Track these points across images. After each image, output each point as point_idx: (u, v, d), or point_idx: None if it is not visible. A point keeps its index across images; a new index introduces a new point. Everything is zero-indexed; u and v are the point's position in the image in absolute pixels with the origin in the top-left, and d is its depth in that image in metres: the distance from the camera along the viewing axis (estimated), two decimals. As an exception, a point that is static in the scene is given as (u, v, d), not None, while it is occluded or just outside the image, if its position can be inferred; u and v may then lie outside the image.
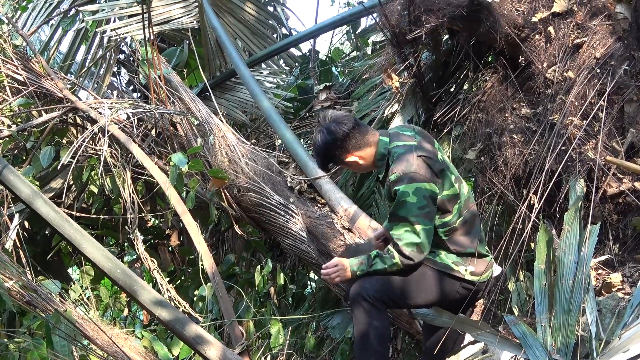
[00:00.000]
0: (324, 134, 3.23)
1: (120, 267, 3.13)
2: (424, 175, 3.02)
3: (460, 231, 3.17)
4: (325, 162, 3.34)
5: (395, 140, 3.20)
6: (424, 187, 3.01)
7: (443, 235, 3.15)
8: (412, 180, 3.00)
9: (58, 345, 2.92)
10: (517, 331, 2.72)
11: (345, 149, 3.22)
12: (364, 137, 3.22)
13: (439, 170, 3.09)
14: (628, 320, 2.53)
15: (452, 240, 3.16)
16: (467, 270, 3.14)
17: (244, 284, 4.95)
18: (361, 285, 3.11)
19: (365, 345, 3.05)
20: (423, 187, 3.01)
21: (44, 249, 5.30)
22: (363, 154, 3.24)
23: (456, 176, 3.22)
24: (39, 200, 3.16)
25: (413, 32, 4.13)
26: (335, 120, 3.24)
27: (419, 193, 3.00)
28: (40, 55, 5.37)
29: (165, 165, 4.73)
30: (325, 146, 3.24)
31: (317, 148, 3.29)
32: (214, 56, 6.44)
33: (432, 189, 3.03)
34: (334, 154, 3.25)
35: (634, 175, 3.55)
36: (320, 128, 3.27)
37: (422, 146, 3.13)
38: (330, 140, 3.21)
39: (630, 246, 3.52)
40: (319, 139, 3.26)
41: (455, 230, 3.16)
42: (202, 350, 3.07)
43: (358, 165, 3.29)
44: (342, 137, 3.19)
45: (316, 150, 3.31)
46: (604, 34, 3.80)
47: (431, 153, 3.12)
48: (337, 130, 3.20)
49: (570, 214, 2.93)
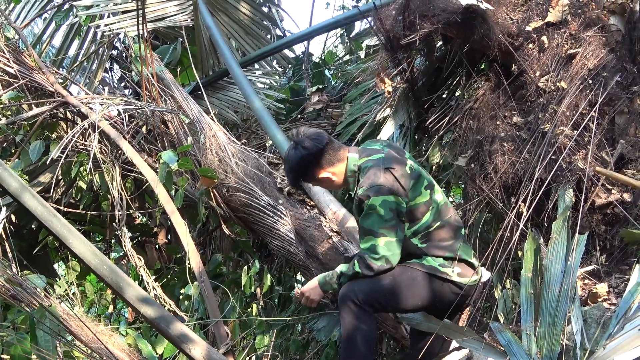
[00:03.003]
0: (298, 149, 3.26)
1: (107, 264, 3.11)
2: (391, 189, 3.05)
3: (439, 237, 3.19)
4: (298, 178, 3.35)
5: (363, 155, 3.25)
6: (390, 199, 3.05)
7: (419, 243, 3.18)
8: (378, 192, 3.04)
9: (42, 340, 2.91)
10: (502, 339, 2.72)
11: (319, 165, 3.26)
12: (337, 153, 3.27)
13: (407, 182, 3.12)
14: (613, 330, 2.53)
15: (431, 246, 3.18)
16: (454, 272, 3.15)
17: (231, 284, 4.94)
18: (350, 288, 3.12)
19: (352, 348, 3.05)
20: (389, 199, 3.04)
21: (31, 243, 5.28)
22: (335, 170, 3.28)
23: (429, 182, 3.25)
24: (27, 194, 3.14)
25: (407, 37, 4.14)
26: (309, 137, 3.26)
27: (386, 206, 3.04)
28: (32, 49, 5.35)
29: (155, 163, 4.73)
30: (300, 162, 3.26)
31: (290, 164, 3.30)
32: (207, 55, 6.43)
33: (398, 201, 3.07)
34: (308, 170, 3.28)
35: (622, 187, 3.56)
36: (294, 144, 3.29)
37: (390, 159, 3.17)
38: (305, 156, 3.24)
39: (617, 257, 3.53)
40: (292, 154, 3.28)
41: (432, 236, 3.18)
42: (186, 349, 3.06)
43: (330, 181, 3.33)
44: (316, 153, 3.23)
45: (289, 166, 3.32)
46: (597, 45, 3.81)
47: (399, 166, 3.15)
48: (311, 146, 3.23)
49: (558, 223, 2.95)
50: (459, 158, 4.25)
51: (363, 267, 3.12)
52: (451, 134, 4.56)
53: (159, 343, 3.68)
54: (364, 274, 3.11)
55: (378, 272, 3.10)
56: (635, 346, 2.30)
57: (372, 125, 5.05)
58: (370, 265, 3.09)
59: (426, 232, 3.18)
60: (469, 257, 3.23)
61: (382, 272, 3.11)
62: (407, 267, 3.17)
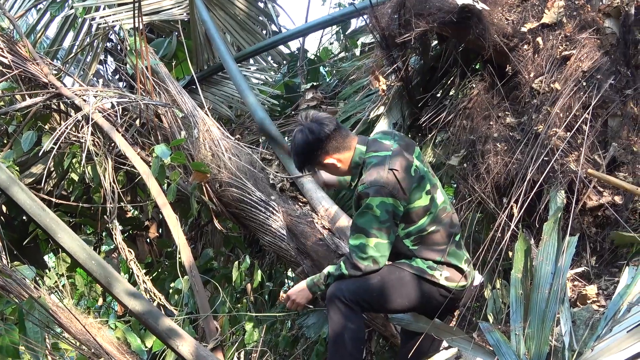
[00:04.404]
0: (304, 133, 3.21)
1: (95, 258, 3.09)
2: (391, 191, 3.02)
3: (431, 241, 3.17)
4: (304, 162, 3.31)
5: (371, 149, 3.20)
6: (388, 201, 3.02)
7: (411, 245, 3.16)
8: (378, 193, 3.01)
9: (31, 332, 2.90)
10: (491, 339, 2.73)
11: (325, 151, 3.21)
12: (345, 140, 3.22)
13: (409, 185, 3.08)
14: (601, 332, 2.54)
15: (422, 249, 3.16)
16: (441, 275, 3.13)
17: (221, 279, 4.93)
18: (338, 287, 3.11)
19: (340, 347, 3.04)
20: (387, 201, 3.02)
21: (21, 235, 5.25)
22: (342, 157, 3.23)
23: (432, 185, 3.21)
24: (16, 187, 3.11)
25: (402, 36, 4.14)
26: (317, 121, 3.22)
27: (383, 207, 3.01)
28: (26, 39, 5.32)
29: (148, 156, 4.71)
30: (306, 146, 3.21)
31: (296, 147, 3.25)
32: (202, 49, 6.41)
33: (396, 204, 3.04)
34: (314, 155, 3.23)
35: (614, 189, 3.58)
36: (301, 127, 3.25)
37: (396, 157, 3.12)
38: (312, 140, 3.19)
39: (607, 259, 3.54)
40: (299, 138, 3.23)
41: (424, 240, 3.16)
42: (174, 345, 3.05)
43: (335, 168, 3.28)
44: (323, 138, 3.18)
45: (295, 150, 3.27)
46: (591, 48, 3.82)
47: (403, 166, 3.10)
48: (319, 130, 3.18)
49: (549, 225, 2.95)
50: (451, 157, 4.26)
51: (350, 267, 3.10)
52: (444, 134, 4.57)
53: (147, 337, 3.68)
54: (351, 274, 3.10)
55: (365, 273, 3.09)
56: (623, 348, 2.30)
57: (365, 123, 5.04)
58: (357, 265, 3.07)
59: (419, 235, 3.15)
60: (459, 263, 3.20)
61: (369, 273, 3.09)
62: (396, 267, 3.16)
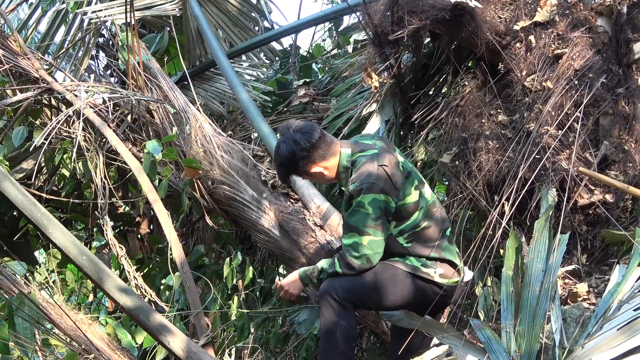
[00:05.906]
0: (289, 144, 3.16)
1: (86, 254, 3.07)
2: (382, 187, 3.01)
3: (425, 237, 3.17)
4: (288, 173, 3.28)
5: (357, 150, 3.19)
6: (380, 198, 3.01)
7: (405, 242, 3.16)
8: (369, 190, 3.00)
9: (20, 328, 2.88)
10: (481, 336, 2.73)
11: (311, 160, 3.17)
12: (330, 147, 3.19)
13: (399, 180, 3.09)
14: (592, 330, 2.55)
15: (416, 246, 3.16)
16: (436, 272, 3.14)
17: (212, 275, 4.92)
18: (331, 284, 3.11)
19: (331, 344, 3.04)
20: (379, 198, 3.01)
21: (11, 230, 5.24)
22: (328, 164, 3.21)
23: (419, 180, 3.22)
24: (6, 182, 3.09)
25: (395, 33, 4.13)
26: (300, 131, 3.17)
27: (375, 204, 3.01)
28: (17, 34, 5.30)
29: (139, 152, 4.69)
30: (291, 157, 3.16)
31: (281, 159, 3.20)
32: (194, 45, 6.40)
33: (388, 200, 3.04)
34: (299, 165, 3.19)
35: (605, 188, 3.59)
36: (284, 138, 3.19)
37: (383, 155, 3.12)
38: (297, 151, 3.14)
39: (597, 257, 3.56)
40: (284, 149, 3.17)
41: (418, 236, 3.16)
42: (165, 341, 3.04)
43: (322, 176, 3.25)
44: (309, 148, 3.14)
45: (280, 161, 3.23)
46: (583, 46, 3.83)
47: (392, 162, 3.11)
48: (303, 140, 3.14)
49: (540, 223, 2.95)
50: (443, 155, 4.26)
51: (344, 266, 3.10)
52: (436, 131, 4.57)
53: (138, 333, 3.66)
54: (345, 272, 3.10)
55: (359, 271, 3.09)
56: (613, 346, 2.31)
57: (358, 120, 5.05)
58: (351, 263, 3.07)
59: (413, 232, 3.15)
60: (454, 258, 3.22)
61: (363, 271, 3.09)
62: (389, 265, 3.16)
